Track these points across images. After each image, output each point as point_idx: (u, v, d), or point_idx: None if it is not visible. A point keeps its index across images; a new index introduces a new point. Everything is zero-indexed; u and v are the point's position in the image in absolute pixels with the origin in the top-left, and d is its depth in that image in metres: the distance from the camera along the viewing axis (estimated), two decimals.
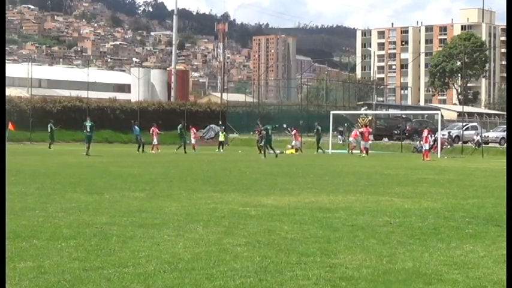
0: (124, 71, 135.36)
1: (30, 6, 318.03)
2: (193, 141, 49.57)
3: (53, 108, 65.63)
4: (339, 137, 58.69)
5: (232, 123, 67.73)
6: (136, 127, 46.35)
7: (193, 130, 50.72)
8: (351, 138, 47.90)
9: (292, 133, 49.16)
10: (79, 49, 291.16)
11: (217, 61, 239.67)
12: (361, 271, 7.37)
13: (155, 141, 45.87)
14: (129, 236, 9.48)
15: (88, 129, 39.63)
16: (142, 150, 43.11)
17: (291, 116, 67.03)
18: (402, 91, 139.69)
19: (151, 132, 46.21)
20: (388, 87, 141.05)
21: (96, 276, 6.94)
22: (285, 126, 52.40)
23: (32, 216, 11.30)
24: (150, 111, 68.52)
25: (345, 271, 7.36)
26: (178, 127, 46.97)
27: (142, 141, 44.42)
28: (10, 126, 44.34)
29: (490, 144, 53.31)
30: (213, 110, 73.51)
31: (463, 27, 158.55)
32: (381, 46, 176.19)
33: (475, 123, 61.12)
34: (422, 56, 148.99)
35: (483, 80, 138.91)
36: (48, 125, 48.77)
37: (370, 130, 47.73)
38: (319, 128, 50.01)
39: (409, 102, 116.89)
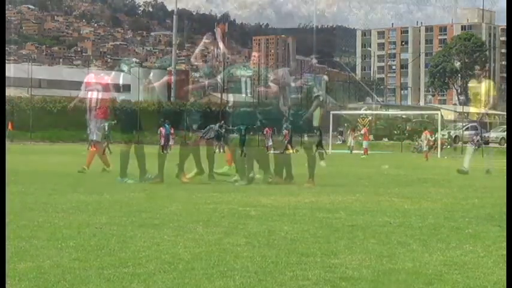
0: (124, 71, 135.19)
1: (30, 6, 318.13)
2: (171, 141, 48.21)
3: (53, 108, 65.63)
4: (339, 137, 58.77)
5: None
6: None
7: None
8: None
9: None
10: (79, 49, 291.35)
11: (217, 61, 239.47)
12: (361, 271, 7.36)
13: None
14: (129, 236, 9.46)
15: (106, 128, 39.56)
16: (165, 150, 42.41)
17: (290, 115, 66.86)
18: (402, 91, 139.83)
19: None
20: (388, 87, 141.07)
21: (96, 276, 6.93)
22: (285, 126, 52.40)
23: (32, 216, 11.28)
24: (150, 111, 68.41)
25: (345, 271, 7.35)
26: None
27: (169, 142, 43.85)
28: (9, 127, 44.38)
29: (490, 144, 53.35)
30: (213, 110, 73.33)
31: (463, 27, 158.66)
32: (380, 46, 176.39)
33: (475, 124, 61.00)
34: (422, 56, 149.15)
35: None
36: (106, 124, 47.17)
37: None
38: (290, 127, 49.97)
39: (409, 103, 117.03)
